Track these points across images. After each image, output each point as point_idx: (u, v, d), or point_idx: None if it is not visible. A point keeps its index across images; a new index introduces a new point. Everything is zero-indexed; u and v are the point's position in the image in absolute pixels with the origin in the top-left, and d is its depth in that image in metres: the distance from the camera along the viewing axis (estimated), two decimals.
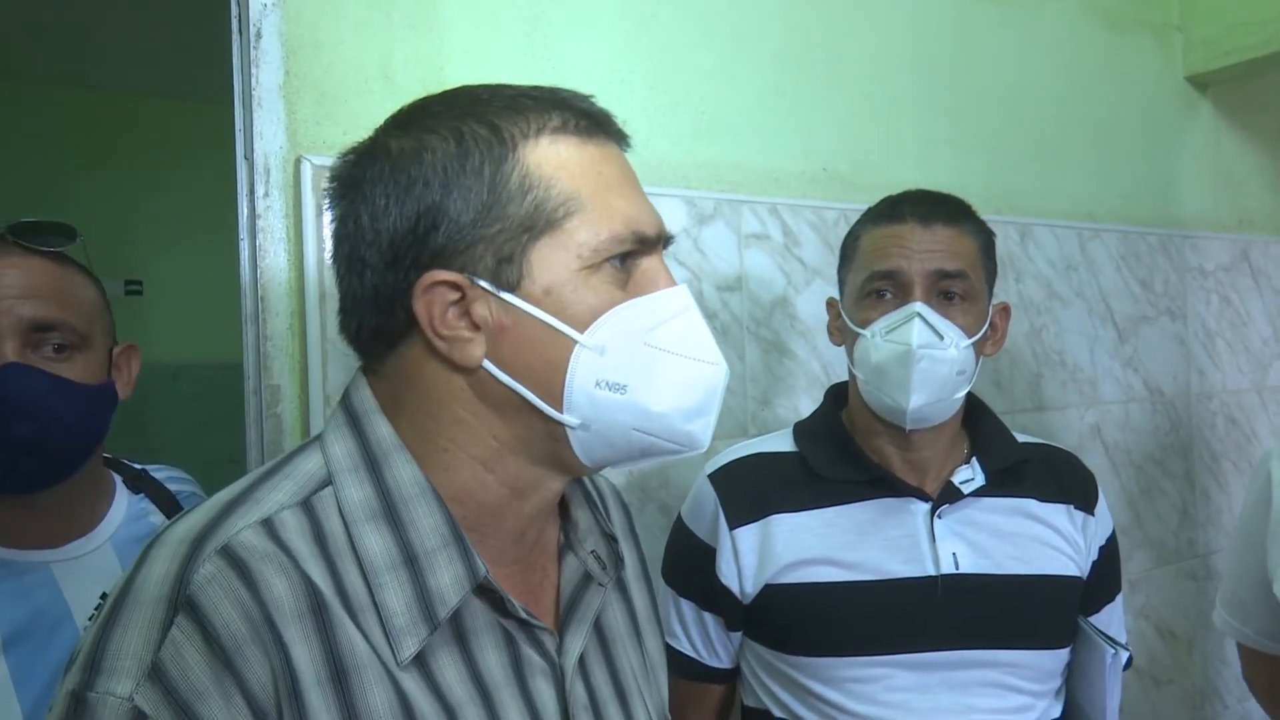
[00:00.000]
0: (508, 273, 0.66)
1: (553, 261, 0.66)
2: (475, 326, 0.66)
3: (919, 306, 1.09)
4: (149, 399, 0.98)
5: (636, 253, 0.69)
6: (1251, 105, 2.35)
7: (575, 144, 0.68)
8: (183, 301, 3.86)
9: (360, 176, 0.68)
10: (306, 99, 1.22)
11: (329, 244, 1.19)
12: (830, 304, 1.25)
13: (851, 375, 1.19)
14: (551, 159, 0.67)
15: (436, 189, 0.65)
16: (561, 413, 0.67)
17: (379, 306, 0.68)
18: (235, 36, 1.20)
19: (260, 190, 1.18)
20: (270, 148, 1.19)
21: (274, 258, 1.19)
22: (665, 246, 0.73)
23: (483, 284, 0.65)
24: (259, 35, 1.18)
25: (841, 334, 1.21)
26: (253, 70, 1.18)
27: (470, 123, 0.67)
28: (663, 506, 1.47)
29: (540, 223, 0.66)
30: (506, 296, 0.65)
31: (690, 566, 1.21)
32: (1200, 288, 2.24)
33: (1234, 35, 2.11)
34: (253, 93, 1.18)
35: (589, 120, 0.70)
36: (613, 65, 1.46)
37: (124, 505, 1.10)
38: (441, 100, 0.70)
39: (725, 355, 0.71)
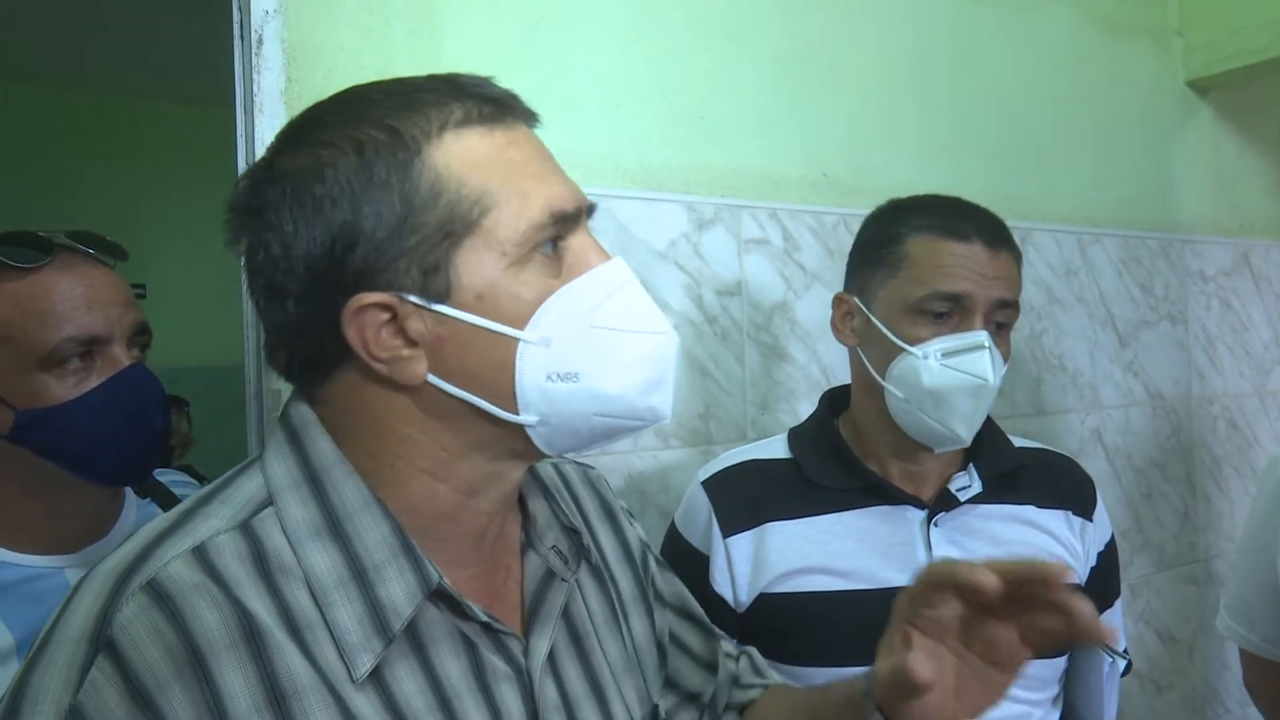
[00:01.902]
0: (435, 283, 0.62)
1: (479, 263, 0.63)
2: (413, 343, 0.63)
3: (984, 337, 1.06)
4: None
5: (562, 234, 0.66)
6: (1252, 109, 2.35)
7: (481, 134, 0.64)
8: (185, 304, 3.87)
9: (260, 204, 0.63)
10: (308, 104, 1.22)
11: None
12: (841, 300, 1.18)
13: (864, 383, 1.15)
14: (459, 156, 0.63)
15: (345, 207, 0.61)
16: (517, 414, 0.64)
17: (306, 335, 0.64)
18: (237, 42, 1.20)
19: None
20: None
21: None
22: (589, 216, 0.69)
23: (412, 299, 0.62)
24: (260, 41, 1.19)
25: (859, 336, 1.15)
26: (254, 76, 1.19)
27: (367, 129, 0.62)
28: (662, 510, 1.46)
29: (458, 226, 0.62)
30: (439, 308, 0.62)
31: (684, 574, 1.19)
32: (1201, 292, 2.24)
33: (1234, 39, 2.11)
34: (254, 98, 1.19)
35: (492, 105, 0.65)
36: (612, 70, 1.46)
37: (133, 510, 1.11)
38: (331, 107, 0.66)
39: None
